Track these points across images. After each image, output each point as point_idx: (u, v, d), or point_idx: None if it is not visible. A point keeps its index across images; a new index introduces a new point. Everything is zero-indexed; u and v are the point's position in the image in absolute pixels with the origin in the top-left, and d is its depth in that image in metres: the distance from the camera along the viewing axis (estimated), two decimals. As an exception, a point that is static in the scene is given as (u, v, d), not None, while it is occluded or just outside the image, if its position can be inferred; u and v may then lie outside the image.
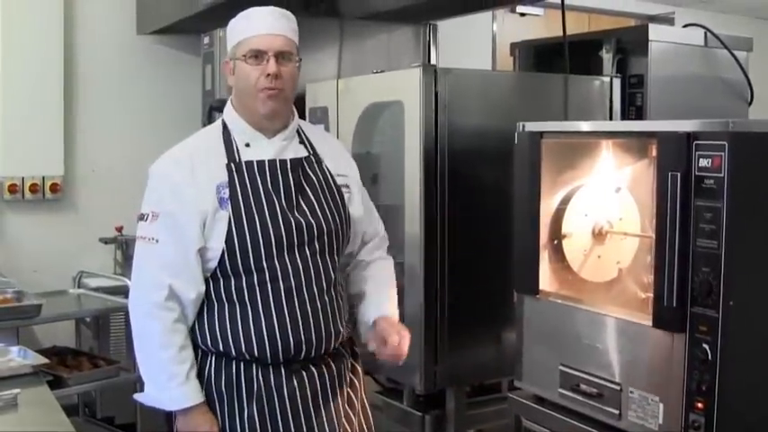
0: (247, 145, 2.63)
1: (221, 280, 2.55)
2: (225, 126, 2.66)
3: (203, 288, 2.55)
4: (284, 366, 2.57)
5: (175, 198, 2.55)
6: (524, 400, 3.07)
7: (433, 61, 3.48)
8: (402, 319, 2.90)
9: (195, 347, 2.59)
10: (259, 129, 2.64)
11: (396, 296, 2.89)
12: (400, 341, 2.69)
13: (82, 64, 5.32)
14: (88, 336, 5.12)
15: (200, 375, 2.58)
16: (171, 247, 2.54)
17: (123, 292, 4.49)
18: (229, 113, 2.68)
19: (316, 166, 2.70)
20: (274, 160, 2.61)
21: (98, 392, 4.96)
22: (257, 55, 2.57)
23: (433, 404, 3.67)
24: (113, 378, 4.46)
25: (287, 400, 2.57)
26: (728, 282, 2.29)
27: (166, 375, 2.54)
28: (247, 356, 2.55)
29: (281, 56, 2.58)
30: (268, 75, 2.55)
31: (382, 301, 2.83)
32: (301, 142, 2.72)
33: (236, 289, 2.54)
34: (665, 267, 2.42)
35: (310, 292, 2.57)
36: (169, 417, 2.64)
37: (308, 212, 2.61)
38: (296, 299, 2.55)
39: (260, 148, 2.62)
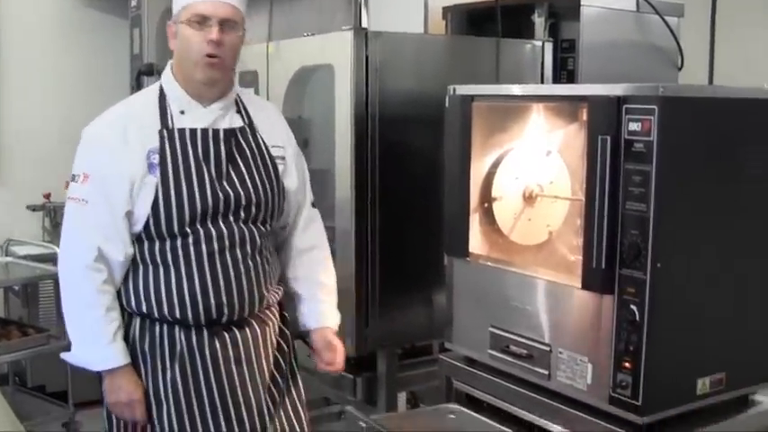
0: (182, 112, 2.60)
1: (146, 242, 2.55)
2: (162, 91, 2.63)
3: (131, 250, 2.55)
4: (206, 328, 2.58)
5: (106, 161, 2.53)
6: (455, 362, 3.10)
7: (364, 24, 3.46)
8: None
9: (122, 309, 2.58)
10: (196, 96, 2.61)
11: (335, 297, 2.93)
12: (335, 359, 2.84)
13: (7, 29, 5.20)
14: (17, 304, 5.06)
15: (125, 336, 2.57)
16: (100, 208, 2.52)
17: (52, 259, 4.44)
18: (167, 79, 2.65)
19: (250, 136, 2.68)
20: (207, 129, 2.60)
21: (28, 361, 4.92)
22: (201, 20, 2.54)
23: (365, 367, 3.68)
24: (43, 346, 4.42)
25: (209, 362, 2.58)
26: (657, 244, 2.33)
27: (93, 336, 2.54)
28: (170, 318, 2.55)
29: (225, 24, 2.55)
30: (210, 41, 2.52)
31: (320, 312, 2.89)
32: (238, 112, 2.70)
33: (159, 251, 2.54)
34: (594, 230, 2.45)
35: (233, 256, 2.58)
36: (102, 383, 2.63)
37: (237, 183, 2.60)
38: (218, 262, 2.56)
39: (195, 116, 2.60)
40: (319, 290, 2.89)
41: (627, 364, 2.43)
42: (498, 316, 2.89)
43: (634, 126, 2.35)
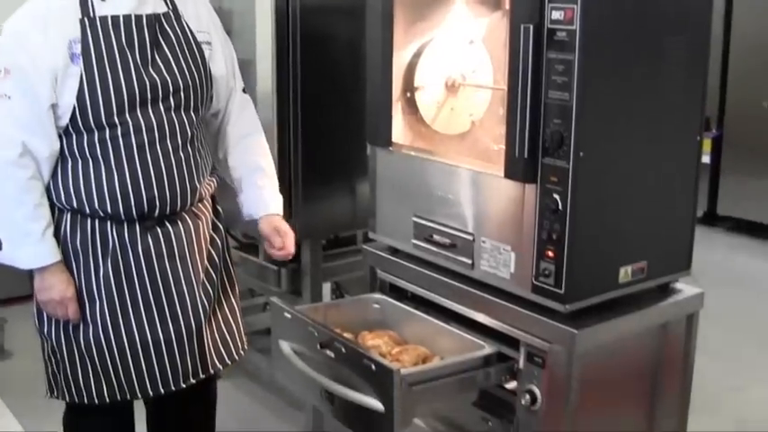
0: None
1: (74, 136, 2.49)
2: None
3: (57, 145, 2.49)
4: (139, 224, 2.55)
5: (27, 54, 2.46)
6: (379, 252, 3.11)
7: None
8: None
9: (51, 205, 2.53)
10: None
11: (275, 181, 2.92)
12: (285, 243, 2.84)
13: None
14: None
15: (56, 233, 2.53)
16: (23, 103, 2.45)
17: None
18: None
19: (175, 22, 2.61)
20: (129, 16, 2.52)
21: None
22: None
23: (289, 258, 3.69)
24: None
25: (142, 258, 2.56)
26: (579, 133, 2.34)
27: (22, 233, 2.49)
28: (101, 213, 2.51)
29: None
30: None
31: (264, 199, 2.87)
32: None
33: (88, 145, 2.48)
34: (517, 119, 2.45)
35: (164, 148, 2.53)
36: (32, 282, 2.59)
37: (163, 69, 2.54)
38: (149, 155, 2.51)
39: (116, 3, 2.52)
40: (260, 177, 2.87)
41: (549, 253, 2.46)
42: (422, 206, 2.90)
43: (557, 15, 2.32)
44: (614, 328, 2.58)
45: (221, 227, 2.81)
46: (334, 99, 3.48)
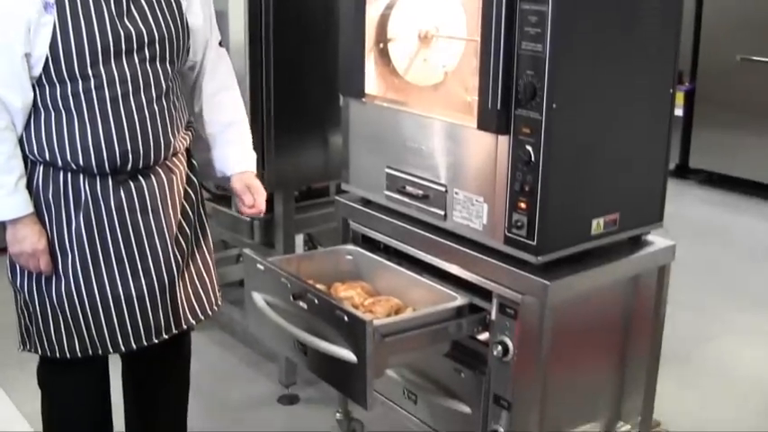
0: None
1: (47, 87, 2.45)
2: None
3: (31, 96, 2.45)
4: (112, 177, 2.52)
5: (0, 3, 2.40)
6: (352, 203, 3.11)
7: None
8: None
9: (24, 157, 2.50)
10: None
11: (249, 137, 2.89)
12: (256, 200, 2.83)
13: None
14: None
15: (28, 186, 2.51)
16: None
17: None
18: None
19: None
20: None
21: None
22: None
23: (260, 215, 3.67)
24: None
25: (114, 212, 2.54)
26: (552, 85, 2.33)
27: None
28: (74, 166, 2.49)
29: None
30: None
31: (237, 155, 2.85)
32: None
33: (61, 97, 2.45)
34: (490, 70, 2.44)
35: (138, 101, 2.50)
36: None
37: (138, 20, 2.50)
38: (122, 107, 2.48)
39: None
40: (233, 133, 2.84)
41: (522, 205, 2.46)
42: (394, 157, 2.89)
43: (531, -35, 2.31)
44: (586, 280, 2.59)
45: (195, 181, 2.79)
46: (307, 50, 3.46)
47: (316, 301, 2.57)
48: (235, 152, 2.84)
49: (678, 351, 4.01)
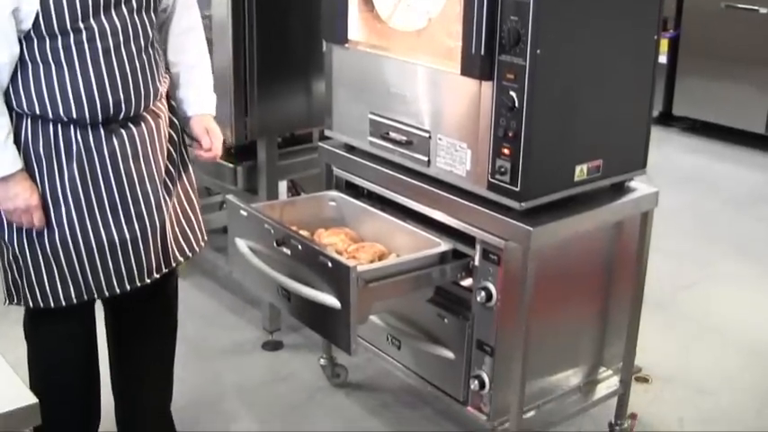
0: None
1: (35, 41, 2.42)
2: None
3: (17, 50, 2.42)
4: (103, 126, 2.51)
5: None
6: (335, 149, 3.10)
7: None
8: (212, 71, 2.85)
9: (9, 111, 2.47)
10: None
11: (210, 79, 2.85)
12: (212, 144, 2.79)
13: None
14: None
15: (16, 140, 2.48)
16: None
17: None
18: None
19: None
20: None
21: None
22: None
23: (245, 156, 3.67)
24: None
25: (107, 160, 2.52)
26: (537, 31, 2.32)
27: None
28: (65, 118, 2.46)
29: None
30: None
31: (196, 97, 2.81)
32: None
33: (51, 50, 2.42)
34: (474, 16, 2.43)
35: (128, 51, 2.49)
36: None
37: None
38: (114, 58, 2.47)
39: None
40: (194, 74, 2.82)
41: (505, 151, 2.46)
42: (378, 103, 2.88)
43: None
44: (569, 226, 2.60)
45: (177, 122, 2.78)
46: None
47: (299, 247, 2.57)
48: (195, 94, 2.82)
49: (660, 297, 4.04)
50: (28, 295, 2.61)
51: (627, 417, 3.10)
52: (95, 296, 2.62)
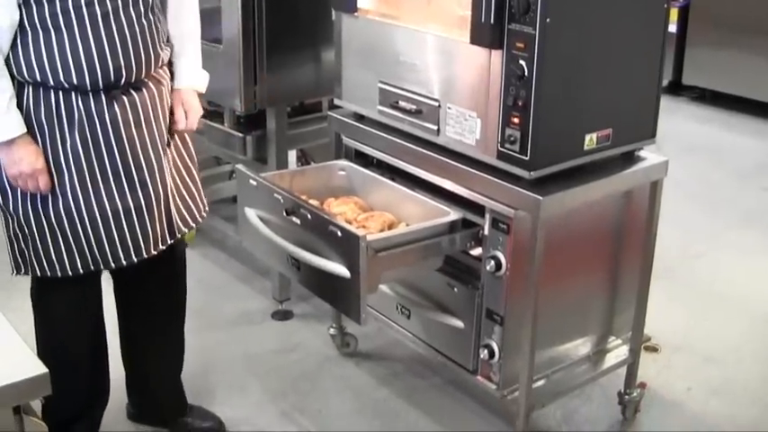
0: None
1: (34, 6, 2.41)
2: None
3: (17, 15, 2.41)
4: (104, 93, 2.50)
5: None
6: (344, 119, 3.10)
7: None
8: (220, 41, 2.83)
9: (11, 79, 2.47)
10: None
11: (196, 53, 2.82)
12: (188, 116, 2.76)
13: None
14: None
15: (18, 108, 2.48)
16: None
17: None
18: None
19: None
20: None
21: None
22: None
23: (255, 125, 3.67)
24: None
25: (109, 127, 2.52)
26: (546, -1, 2.31)
27: None
28: (66, 84, 2.46)
29: None
30: None
31: (188, 71, 2.79)
32: None
33: (50, 15, 2.41)
34: (484, -16, 2.42)
35: (128, 16, 2.47)
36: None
37: None
38: (113, 23, 2.45)
39: None
40: (183, 46, 2.79)
41: (515, 120, 2.46)
42: (387, 72, 2.88)
43: None
44: (579, 195, 2.60)
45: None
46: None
47: (309, 216, 2.57)
48: (180, 65, 2.79)
49: (667, 267, 4.04)
50: (35, 264, 2.62)
51: (636, 386, 3.11)
52: (101, 267, 2.62)
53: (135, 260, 2.63)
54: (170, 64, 2.75)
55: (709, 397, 3.32)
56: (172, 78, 2.75)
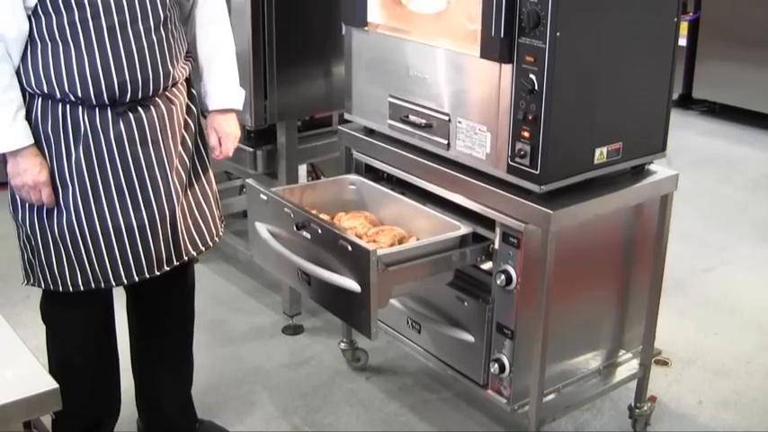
0: None
1: (43, 18, 2.42)
2: None
3: (26, 26, 2.42)
4: (110, 108, 2.50)
5: None
6: (354, 133, 3.11)
7: None
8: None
9: (22, 90, 2.48)
10: None
11: (231, 74, 2.81)
12: (218, 144, 2.79)
13: None
14: None
15: (27, 119, 2.49)
16: None
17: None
18: None
19: None
20: None
21: None
22: None
23: (265, 139, 3.67)
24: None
25: (113, 144, 2.52)
26: (556, 13, 2.31)
27: None
28: (72, 97, 2.47)
29: None
30: None
31: (217, 91, 2.78)
32: None
33: (57, 27, 2.42)
34: (494, -2, 2.43)
35: (135, 31, 2.47)
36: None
37: None
38: (120, 37, 2.45)
39: None
40: (214, 68, 2.79)
41: (525, 134, 2.46)
42: (397, 86, 2.88)
43: None
44: (589, 209, 2.60)
45: (195, 110, 2.77)
46: (308, -22, 3.43)
47: (319, 230, 2.57)
48: (213, 87, 2.78)
49: (678, 280, 4.03)
50: (40, 277, 2.62)
51: (647, 399, 3.10)
52: (102, 285, 2.61)
53: (136, 279, 2.62)
54: (188, 82, 2.74)
55: (719, 410, 3.30)
56: (191, 98, 2.73)
